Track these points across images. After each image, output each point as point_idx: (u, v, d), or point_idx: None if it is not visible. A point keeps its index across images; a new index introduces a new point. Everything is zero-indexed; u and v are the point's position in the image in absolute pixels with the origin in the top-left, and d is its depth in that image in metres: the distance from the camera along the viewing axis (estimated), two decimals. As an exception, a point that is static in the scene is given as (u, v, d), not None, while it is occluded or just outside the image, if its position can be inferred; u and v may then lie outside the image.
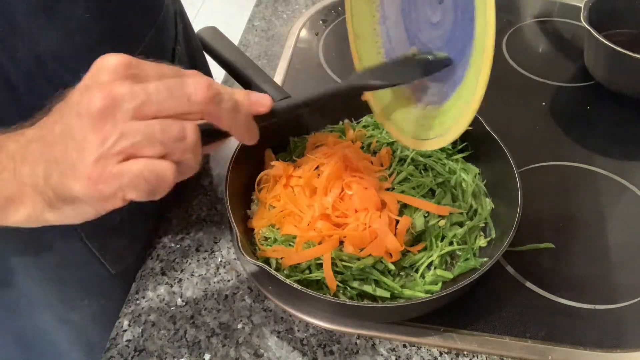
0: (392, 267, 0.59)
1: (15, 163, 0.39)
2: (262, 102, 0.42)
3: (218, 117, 0.38)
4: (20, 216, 0.39)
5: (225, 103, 0.38)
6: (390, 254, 0.60)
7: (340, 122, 0.77)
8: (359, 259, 0.59)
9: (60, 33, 0.50)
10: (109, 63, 0.36)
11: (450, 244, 0.62)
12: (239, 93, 0.40)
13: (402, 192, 0.65)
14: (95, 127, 0.34)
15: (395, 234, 0.60)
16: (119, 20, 0.55)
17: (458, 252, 0.63)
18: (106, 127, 0.34)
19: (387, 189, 0.65)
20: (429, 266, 0.61)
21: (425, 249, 0.62)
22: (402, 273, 0.61)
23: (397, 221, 0.62)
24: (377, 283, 0.59)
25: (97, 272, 0.65)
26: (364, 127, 0.75)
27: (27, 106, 0.45)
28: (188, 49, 0.74)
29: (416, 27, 0.57)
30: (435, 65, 0.54)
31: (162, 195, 0.37)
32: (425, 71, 0.54)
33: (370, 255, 0.59)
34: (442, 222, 0.63)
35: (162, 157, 0.36)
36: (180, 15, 0.72)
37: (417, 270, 0.61)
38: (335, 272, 0.58)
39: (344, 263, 0.59)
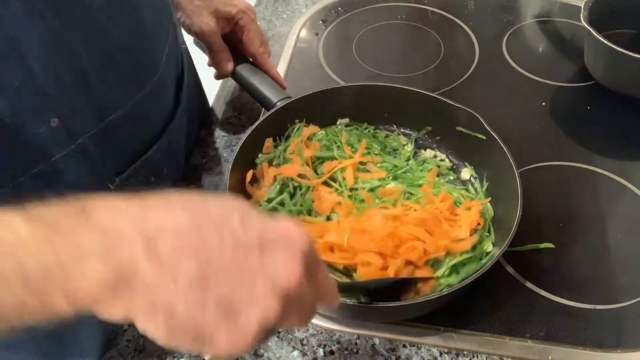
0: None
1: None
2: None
3: None
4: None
5: None
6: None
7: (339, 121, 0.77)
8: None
9: (129, 25, 0.51)
10: (305, 246, 0.34)
11: None
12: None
13: None
14: (276, 298, 0.32)
15: None
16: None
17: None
18: (278, 308, 0.32)
19: None
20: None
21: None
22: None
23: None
24: None
25: None
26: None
27: (97, 97, 0.48)
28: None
29: None
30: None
31: None
32: None
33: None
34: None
35: None
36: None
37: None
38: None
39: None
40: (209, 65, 0.79)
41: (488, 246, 0.62)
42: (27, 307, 0.28)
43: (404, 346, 0.58)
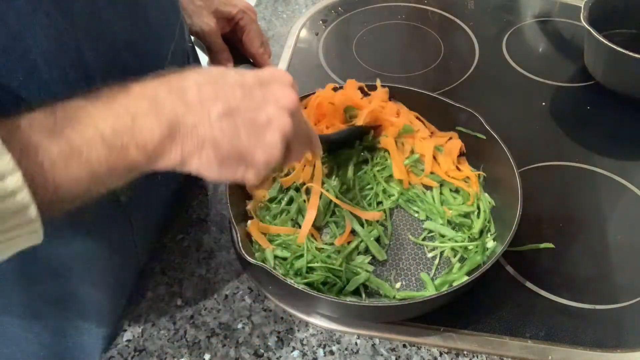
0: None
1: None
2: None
3: None
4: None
5: None
6: None
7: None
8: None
9: (135, 23, 0.51)
10: (291, 83, 0.45)
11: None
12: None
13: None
14: (286, 115, 0.43)
15: None
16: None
17: (469, 248, 0.63)
18: (290, 122, 0.43)
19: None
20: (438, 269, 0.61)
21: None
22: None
23: None
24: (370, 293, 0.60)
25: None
26: None
27: None
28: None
29: None
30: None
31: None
32: None
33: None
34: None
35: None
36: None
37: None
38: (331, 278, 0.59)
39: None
40: (209, 65, 0.79)
41: (490, 242, 0.63)
42: (111, 163, 0.36)
43: (404, 346, 0.58)
